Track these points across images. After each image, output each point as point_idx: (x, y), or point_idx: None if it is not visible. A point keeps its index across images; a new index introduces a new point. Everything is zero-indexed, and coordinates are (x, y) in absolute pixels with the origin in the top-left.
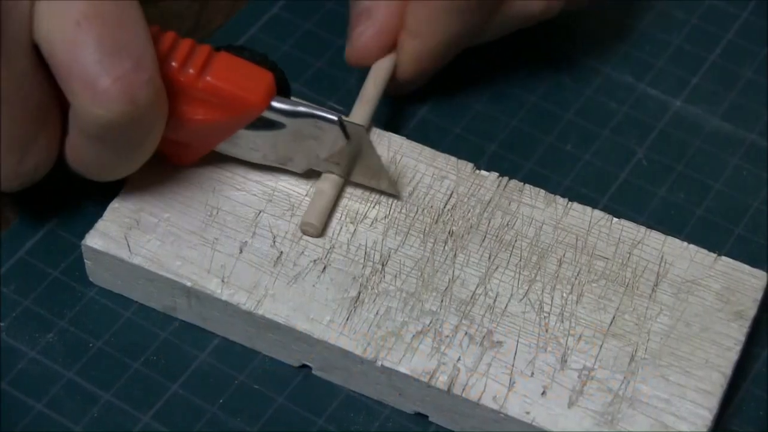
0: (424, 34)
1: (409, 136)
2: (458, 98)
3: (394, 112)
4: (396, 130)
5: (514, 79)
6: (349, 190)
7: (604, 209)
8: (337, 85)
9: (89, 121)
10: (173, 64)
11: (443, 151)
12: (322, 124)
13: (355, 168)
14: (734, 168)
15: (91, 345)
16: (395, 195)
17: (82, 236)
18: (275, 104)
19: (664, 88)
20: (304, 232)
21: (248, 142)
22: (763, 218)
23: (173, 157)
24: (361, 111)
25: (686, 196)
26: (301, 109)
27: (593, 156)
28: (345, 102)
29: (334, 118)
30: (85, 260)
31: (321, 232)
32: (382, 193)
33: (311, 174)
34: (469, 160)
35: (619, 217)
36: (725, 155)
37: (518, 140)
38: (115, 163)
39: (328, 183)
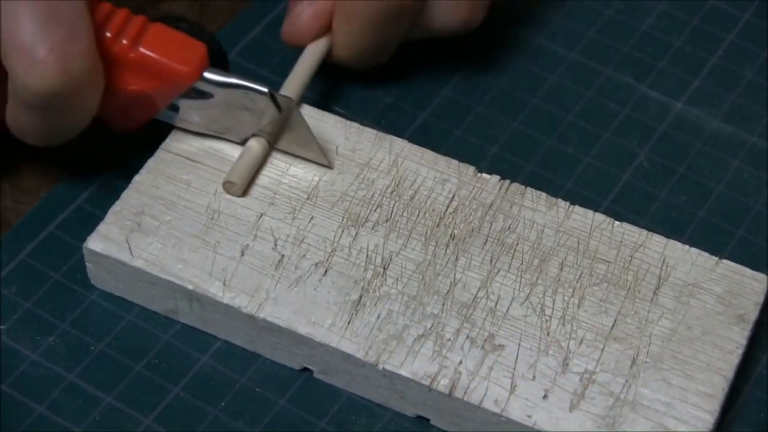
0: (347, 44)
1: (411, 139)
2: (459, 101)
3: (395, 115)
4: (397, 133)
5: (514, 81)
6: (350, 193)
7: (606, 211)
8: (340, 85)
9: (26, 90)
10: (107, 34)
11: (445, 154)
12: (254, 96)
13: (287, 138)
14: (735, 170)
15: (92, 348)
16: (326, 165)
17: (83, 239)
18: (207, 75)
19: (666, 89)
20: (226, 191)
21: (186, 112)
22: (764, 220)
23: (113, 125)
24: (291, 89)
25: (687, 198)
26: (233, 80)
27: (594, 158)
28: (347, 103)
29: (265, 90)
30: (86, 263)
31: (242, 192)
32: (314, 163)
33: (312, 176)
34: (471, 163)
35: (620, 220)
36: (726, 157)
37: (519, 143)
38: (53, 131)
39: (256, 146)
